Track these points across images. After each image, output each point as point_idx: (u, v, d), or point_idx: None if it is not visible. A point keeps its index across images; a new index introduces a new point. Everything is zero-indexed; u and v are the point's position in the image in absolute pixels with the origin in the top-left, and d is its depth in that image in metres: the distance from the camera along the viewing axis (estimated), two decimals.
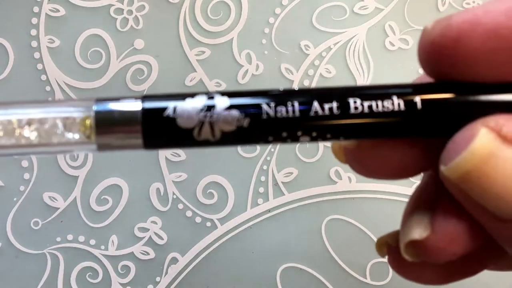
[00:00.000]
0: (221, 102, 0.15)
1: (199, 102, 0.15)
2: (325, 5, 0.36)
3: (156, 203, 0.34)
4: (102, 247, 0.34)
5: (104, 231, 0.34)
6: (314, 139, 0.16)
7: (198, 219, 0.34)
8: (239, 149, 0.35)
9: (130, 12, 0.35)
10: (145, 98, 0.16)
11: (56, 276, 0.34)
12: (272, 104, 0.15)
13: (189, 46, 0.35)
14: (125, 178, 0.34)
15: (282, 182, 0.35)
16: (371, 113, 0.15)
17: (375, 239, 0.34)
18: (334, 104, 0.15)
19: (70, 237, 0.34)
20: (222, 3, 0.36)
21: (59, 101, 0.16)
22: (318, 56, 0.35)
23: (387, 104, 0.15)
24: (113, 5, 0.35)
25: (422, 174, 0.19)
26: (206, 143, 0.16)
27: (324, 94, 0.15)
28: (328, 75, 0.35)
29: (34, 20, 0.35)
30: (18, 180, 0.34)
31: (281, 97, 0.15)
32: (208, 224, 0.34)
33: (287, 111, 0.15)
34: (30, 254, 0.34)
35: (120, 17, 0.35)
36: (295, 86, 0.16)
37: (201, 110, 0.15)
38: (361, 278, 0.34)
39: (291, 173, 0.35)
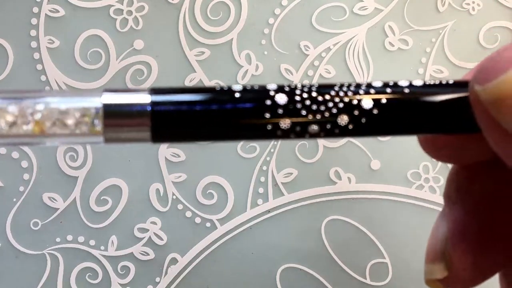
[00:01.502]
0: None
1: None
2: (324, 5, 0.36)
3: (156, 203, 0.34)
4: (102, 247, 0.34)
5: (103, 231, 0.34)
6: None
7: (197, 220, 0.34)
8: (239, 149, 0.35)
9: (129, 12, 0.35)
10: (153, 91, 0.15)
11: (56, 276, 0.34)
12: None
13: (188, 47, 0.35)
14: (125, 179, 0.34)
15: (281, 182, 0.35)
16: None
17: (375, 240, 0.35)
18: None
19: (69, 237, 0.34)
20: (221, 3, 0.36)
21: (66, 92, 0.16)
22: (318, 56, 0.35)
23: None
24: (113, 5, 0.35)
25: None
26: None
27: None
28: (327, 76, 0.35)
29: (33, 21, 0.35)
30: (17, 180, 0.34)
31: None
32: (208, 224, 0.34)
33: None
34: (30, 255, 0.34)
35: (119, 18, 0.35)
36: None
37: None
38: (361, 279, 0.34)
39: (291, 173, 0.35)
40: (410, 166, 0.35)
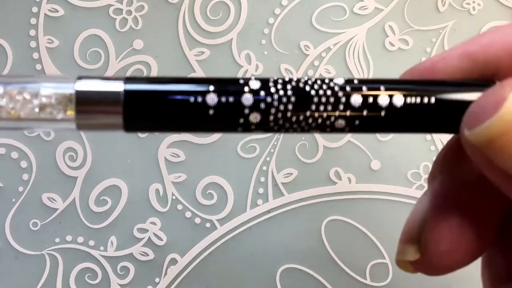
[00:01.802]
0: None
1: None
2: (324, 5, 0.36)
3: (156, 203, 0.34)
4: (101, 248, 0.34)
5: (103, 232, 0.34)
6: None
7: (197, 220, 0.34)
8: (239, 149, 0.35)
9: (129, 12, 0.35)
10: (127, 80, 0.15)
11: (55, 277, 0.34)
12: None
13: (188, 47, 0.35)
14: (124, 179, 0.34)
15: (281, 182, 0.35)
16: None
17: (375, 240, 0.34)
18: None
19: (69, 238, 0.34)
20: (221, 3, 0.36)
21: (41, 77, 0.16)
22: (318, 56, 0.35)
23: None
24: (112, 5, 0.35)
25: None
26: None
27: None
28: (327, 76, 0.35)
29: (33, 20, 0.35)
30: (16, 181, 0.34)
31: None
32: (208, 225, 0.34)
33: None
34: (29, 255, 0.34)
35: (119, 17, 0.35)
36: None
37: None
38: (361, 279, 0.34)
39: (291, 173, 0.35)
40: (410, 166, 0.35)
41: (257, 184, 0.35)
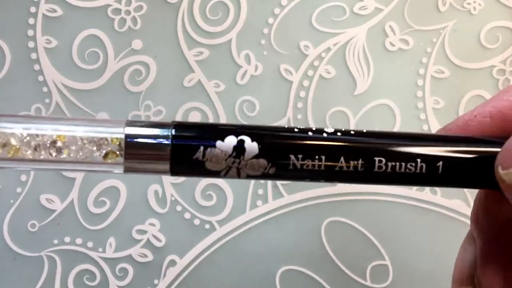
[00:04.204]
0: (251, 149, 0.16)
1: (229, 146, 0.15)
2: (324, 5, 0.35)
3: (154, 205, 0.34)
4: (100, 249, 0.34)
5: (101, 233, 0.34)
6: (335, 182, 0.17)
7: (196, 221, 0.34)
8: None
9: (128, 12, 0.35)
10: (177, 127, 0.16)
11: (53, 279, 0.34)
12: (300, 157, 0.16)
13: (187, 47, 0.35)
14: (123, 180, 0.34)
15: (281, 183, 0.34)
16: (393, 173, 0.16)
17: (375, 242, 0.34)
18: (360, 162, 0.16)
19: (67, 239, 0.34)
20: (220, 3, 0.35)
21: (89, 120, 0.16)
22: (318, 56, 0.35)
23: (410, 166, 0.16)
24: (111, 5, 0.35)
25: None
26: (230, 179, 0.16)
27: (351, 150, 0.16)
28: (327, 76, 0.35)
29: (31, 21, 0.35)
30: (15, 182, 0.34)
31: (311, 150, 0.16)
32: (207, 226, 0.34)
33: (313, 166, 0.16)
34: (27, 257, 0.34)
35: (117, 18, 0.35)
36: (325, 131, 0.16)
37: (230, 155, 0.16)
38: (361, 281, 0.34)
39: None
40: None
41: (256, 185, 0.34)
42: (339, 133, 0.16)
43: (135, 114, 0.35)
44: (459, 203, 0.34)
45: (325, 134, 0.16)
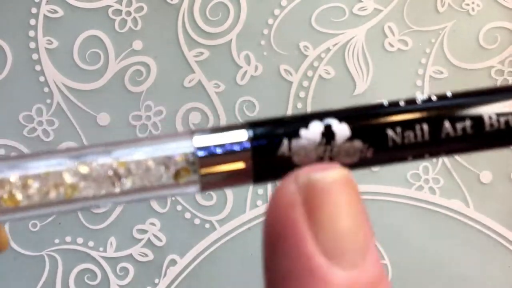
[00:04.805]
0: (341, 132, 0.13)
1: (315, 132, 0.13)
2: (324, 6, 0.36)
3: (155, 204, 0.34)
4: (101, 249, 0.34)
5: (102, 233, 0.34)
6: (440, 156, 0.14)
7: (197, 221, 0.34)
8: None
9: (128, 13, 0.35)
10: (252, 126, 0.13)
11: (55, 278, 0.34)
12: (399, 130, 0.13)
13: (187, 47, 0.35)
14: None
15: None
16: (508, 128, 0.13)
17: (375, 241, 0.34)
18: (468, 123, 0.13)
19: (68, 239, 0.34)
20: (220, 4, 0.35)
21: (149, 139, 0.14)
22: (317, 57, 0.35)
23: None
24: (112, 6, 0.35)
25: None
26: None
27: (454, 111, 0.14)
28: (327, 76, 0.35)
29: (32, 21, 0.35)
30: None
31: (409, 120, 0.13)
32: (207, 225, 0.34)
33: (415, 136, 0.13)
34: (28, 256, 0.34)
35: (118, 18, 0.35)
36: (418, 98, 0.14)
37: (320, 143, 0.13)
38: None
39: None
40: (410, 167, 0.35)
41: None
42: (434, 97, 0.14)
43: (135, 114, 0.35)
44: (459, 203, 0.34)
45: (419, 102, 0.14)
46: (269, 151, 0.13)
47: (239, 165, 0.13)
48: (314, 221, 0.12)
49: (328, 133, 0.13)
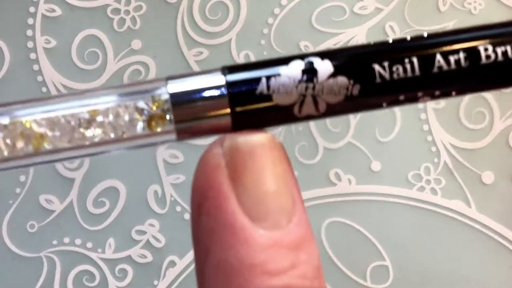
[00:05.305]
0: (324, 68, 0.13)
1: (296, 69, 0.13)
2: (324, 5, 0.35)
3: (154, 205, 0.34)
4: (99, 250, 0.34)
5: (101, 234, 0.34)
6: (436, 98, 0.13)
7: None
8: None
9: (127, 12, 0.35)
10: (229, 70, 0.13)
11: (53, 279, 0.34)
12: (386, 64, 0.13)
13: (187, 47, 0.35)
14: (122, 180, 0.34)
15: None
16: (507, 60, 0.13)
17: (376, 242, 0.34)
18: (461, 55, 0.13)
19: (66, 240, 0.34)
20: (220, 3, 0.35)
21: (119, 86, 0.13)
22: None
23: None
24: (110, 5, 0.35)
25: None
26: (307, 118, 0.13)
27: (447, 45, 0.13)
28: None
29: (30, 21, 0.35)
30: (13, 182, 0.34)
31: (396, 52, 0.13)
32: None
33: (404, 70, 0.13)
34: (26, 257, 0.34)
35: (117, 17, 0.35)
36: (408, 37, 0.13)
37: (300, 80, 0.13)
38: (362, 281, 0.34)
39: None
40: (411, 168, 0.35)
41: None
42: (425, 34, 0.13)
43: None
44: (460, 204, 0.34)
45: (408, 38, 0.13)
46: (247, 92, 0.13)
47: (217, 109, 0.13)
48: (238, 183, 0.12)
49: (310, 70, 0.13)
